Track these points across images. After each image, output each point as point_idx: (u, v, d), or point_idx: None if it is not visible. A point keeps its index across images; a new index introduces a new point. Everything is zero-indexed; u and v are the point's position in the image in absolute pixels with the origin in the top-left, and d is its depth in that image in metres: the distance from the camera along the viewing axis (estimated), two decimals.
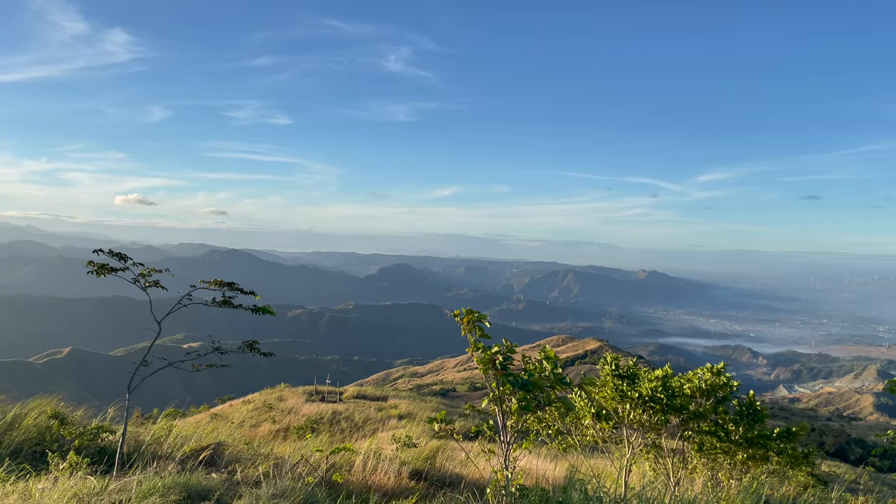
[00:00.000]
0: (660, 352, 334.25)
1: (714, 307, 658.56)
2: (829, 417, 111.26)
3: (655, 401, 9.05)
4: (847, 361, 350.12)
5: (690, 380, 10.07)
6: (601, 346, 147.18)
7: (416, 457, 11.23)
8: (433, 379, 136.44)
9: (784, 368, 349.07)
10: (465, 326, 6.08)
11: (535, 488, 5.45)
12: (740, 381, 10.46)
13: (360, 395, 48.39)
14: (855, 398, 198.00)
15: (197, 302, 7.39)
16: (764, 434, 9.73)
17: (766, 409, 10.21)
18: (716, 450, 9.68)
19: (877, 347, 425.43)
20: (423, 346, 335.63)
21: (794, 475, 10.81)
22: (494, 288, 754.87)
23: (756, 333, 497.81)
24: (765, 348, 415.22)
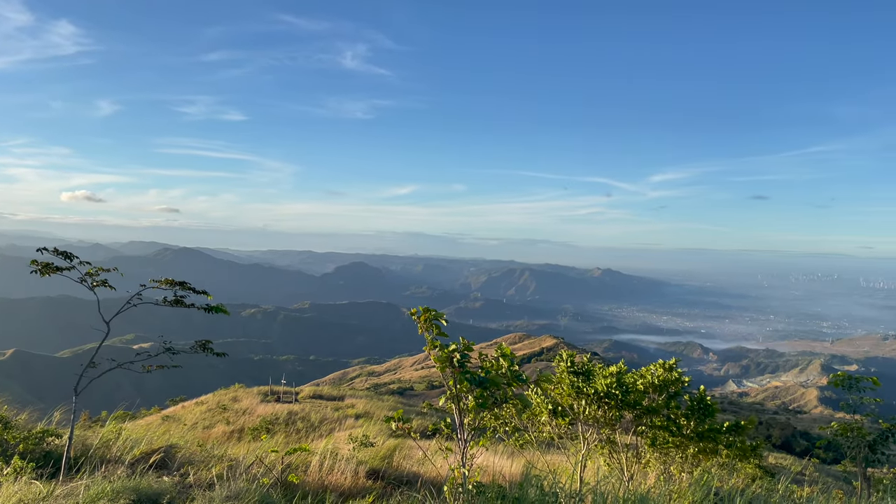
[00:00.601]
0: (614, 348, 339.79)
1: (666, 304, 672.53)
2: (775, 411, 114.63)
3: (610, 397, 9.19)
4: (793, 357, 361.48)
5: (644, 376, 10.27)
6: (557, 343, 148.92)
7: (373, 456, 11.17)
8: (391, 378, 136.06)
9: (733, 364, 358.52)
10: (422, 325, 6.07)
11: (491, 485, 5.48)
12: (691, 376, 10.72)
13: (316, 394, 47.96)
14: (800, 392, 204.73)
15: (147, 301, 7.21)
16: (714, 428, 9.99)
17: (716, 403, 10.47)
18: (668, 444, 9.90)
19: (821, 343, 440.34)
20: (380, 345, 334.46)
21: (742, 468, 11.11)
22: (452, 286, 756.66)
23: (707, 330, 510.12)
24: (715, 344, 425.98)
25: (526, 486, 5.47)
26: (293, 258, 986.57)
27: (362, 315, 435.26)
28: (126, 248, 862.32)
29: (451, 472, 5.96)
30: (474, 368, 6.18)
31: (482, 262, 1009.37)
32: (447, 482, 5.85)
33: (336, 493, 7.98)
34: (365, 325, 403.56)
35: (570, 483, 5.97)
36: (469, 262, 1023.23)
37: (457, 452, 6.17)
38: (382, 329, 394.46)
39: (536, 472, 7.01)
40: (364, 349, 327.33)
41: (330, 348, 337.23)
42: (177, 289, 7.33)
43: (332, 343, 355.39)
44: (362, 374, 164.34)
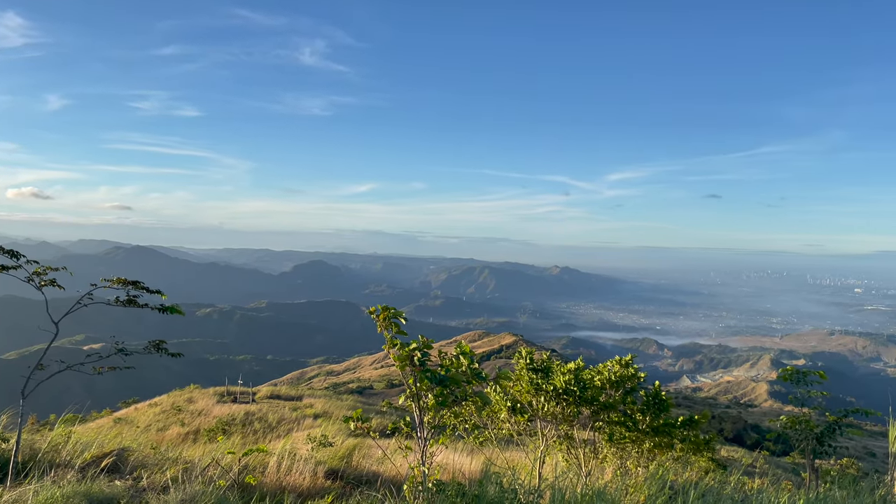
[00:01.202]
0: (572, 345, 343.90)
1: (623, 301, 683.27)
2: (728, 405, 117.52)
3: (568, 393, 9.30)
4: (744, 352, 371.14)
5: (601, 372, 10.43)
6: (516, 340, 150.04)
7: (332, 456, 11.09)
8: (350, 377, 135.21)
9: (687, 359, 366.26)
10: (382, 323, 6.05)
11: (451, 483, 5.49)
12: (647, 372, 10.91)
13: (274, 395, 47.39)
14: (751, 386, 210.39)
15: (99, 301, 7.01)
16: (669, 423, 10.19)
17: (671, 398, 10.69)
18: (625, 439, 10.07)
19: (771, 338, 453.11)
20: (339, 344, 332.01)
21: (696, 461, 11.37)
22: (412, 284, 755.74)
23: (662, 326, 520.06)
24: (670, 340, 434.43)
25: (485, 483, 5.50)
26: (250, 257, 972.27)
27: (321, 314, 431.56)
28: (75, 246, 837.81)
29: (411, 470, 5.96)
30: (434, 366, 6.19)
31: (442, 261, 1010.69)
32: (407, 481, 5.85)
33: (294, 493, 7.89)
34: (323, 325, 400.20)
35: (529, 479, 6.02)
36: (429, 261, 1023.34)
37: (417, 451, 6.17)
38: (341, 328, 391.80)
39: (496, 470, 7.06)
40: (323, 348, 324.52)
41: (288, 348, 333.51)
42: (129, 288, 7.15)
43: (290, 342, 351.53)
44: (321, 373, 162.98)
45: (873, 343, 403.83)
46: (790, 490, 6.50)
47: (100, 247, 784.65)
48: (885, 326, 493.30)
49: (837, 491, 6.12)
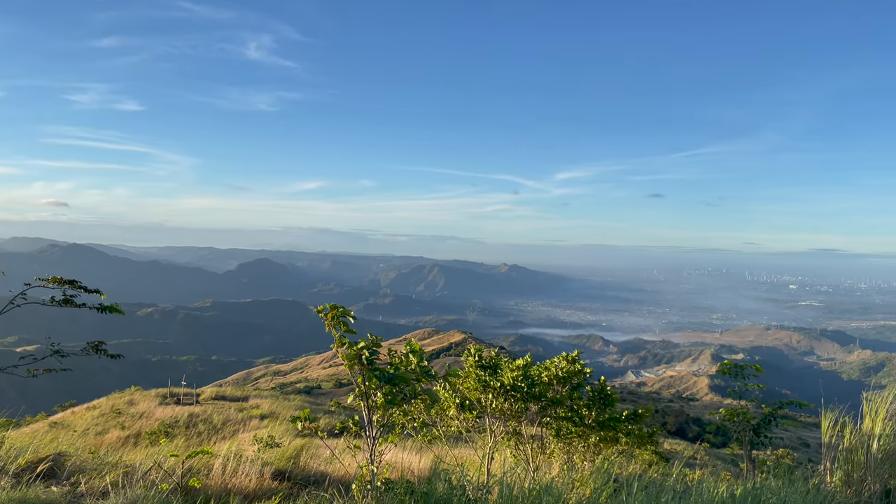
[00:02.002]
0: (520, 342, 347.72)
1: (570, 299, 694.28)
2: (670, 399, 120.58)
3: (516, 389, 9.40)
4: (686, 347, 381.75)
5: (548, 368, 10.58)
6: (465, 338, 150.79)
7: (279, 457, 10.95)
8: (297, 377, 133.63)
9: (632, 355, 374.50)
10: (329, 322, 5.99)
11: (400, 481, 5.49)
12: (593, 367, 11.13)
13: (219, 395, 46.47)
14: (693, 380, 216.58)
15: (33, 301, 6.75)
16: (614, 417, 10.42)
17: (616, 393, 10.93)
18: (571, 434, 10.24)
19: (711, 333, 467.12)
20: (286, 344, 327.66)
21: (640, 454, 11.65)
22: (361, 283, 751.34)
23: (607, 323, 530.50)
24: (615, 337, 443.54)
25: (434, 480, 5.51)
26: (194, 255, 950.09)
27: (267, 313, 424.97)
28: (8, 244, 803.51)
29: (360, 469, 5.92)
30: (383, 365, 6.16)
31: (391, 259, 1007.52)
32: (355, 480, 5.81)
33: (240, 495, 7.77)
34: (270, 324, 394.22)
35: (478, 476, 6.07)
36: (378, 259, 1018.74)
37: (365, 450, 6.14)
38: (288, 327, 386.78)
39: (445, 467, 7.08)
40: (269, 348, 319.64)
41: (233, 348, 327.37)
42: (66, 287, 6.90)
43: (236, 342, 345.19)
44: (268, 373, 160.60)
45: (807, 338, 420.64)
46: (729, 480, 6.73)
47: (34, 244, 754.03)
48: (818, 321, 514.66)
49: (773, 480, 6.36)
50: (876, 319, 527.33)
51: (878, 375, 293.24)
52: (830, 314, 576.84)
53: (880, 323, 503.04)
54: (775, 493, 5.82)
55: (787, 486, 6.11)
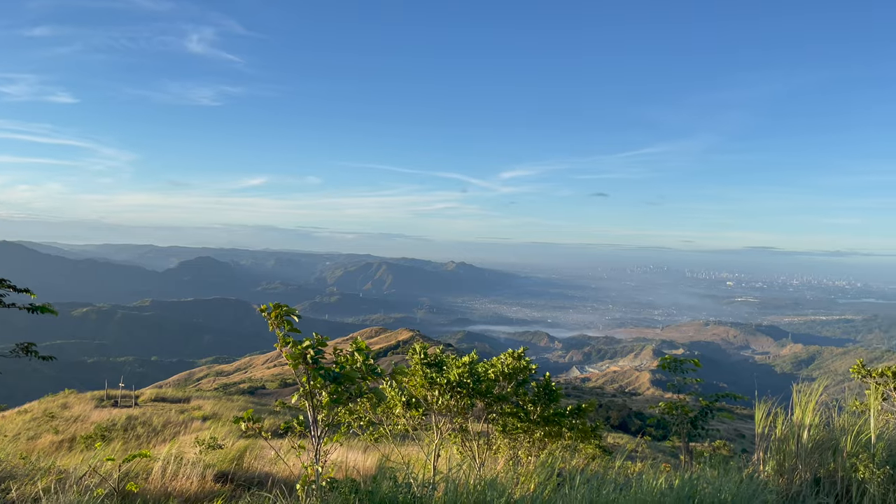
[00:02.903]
0: (467, 339, 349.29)
1: (516, 296, 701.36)
2: (613, 394, 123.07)
3: (462, 386, 9.45)
4: (629, 343, 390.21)
5: (494, 365, 10.66)
6: (413, 335, 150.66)
7: (222, 458, 10.74)
8: (241, 377, 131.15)
9: (577, 351, 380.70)
10: (273, 321, 5.90)
11: (345, 480, 5.45)
12: (539, 364, 11.29)
13: (159, 397, 45.23)
14: (635, 375, 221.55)
15: None
16: (559, 412, 10.57)
17: (561, 389, 11.10)
18: (517, 430, 10.35)
19: (653, 329, 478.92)
20: (230, 344, 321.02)
21: (584, 448, 11.85)
22: (307, 281, 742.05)
23: (553, 319, 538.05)
24: (560, 333, 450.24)
25: (380, 478, 5.49)
26: (132, 252, 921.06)
27: (209, 312, 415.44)
28: None
29: (305, 469, 5.86)
30: (329, 364, 6.11)
31: (338, 257, 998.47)
32: (300, 480, 5.75)
33: (181, 498, 7.59)
34: (212, 323, 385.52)
35: (424, 473, 6.08)
36: (324, 257, 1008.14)
37: (310, 450, 6.08)
38: (231, 326, 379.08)
39: (391, 465, 7.07)
40: (212, 348, 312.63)
41: (174, 348, 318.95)
42: None
43: (177, 342, 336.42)
44: (210, 374, 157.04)
45: (743, 333, 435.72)
46: (668, 471, 6.92)
47: None
48: (753, 317, 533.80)
49: (709, 471, 6.57)
50: (807, 314, 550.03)
51: (808, 368, 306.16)
52: (765, 310, 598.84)
53: (811, 318, 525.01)
54: (711, 483, 6.01)
55: (722, 476, 6.32)
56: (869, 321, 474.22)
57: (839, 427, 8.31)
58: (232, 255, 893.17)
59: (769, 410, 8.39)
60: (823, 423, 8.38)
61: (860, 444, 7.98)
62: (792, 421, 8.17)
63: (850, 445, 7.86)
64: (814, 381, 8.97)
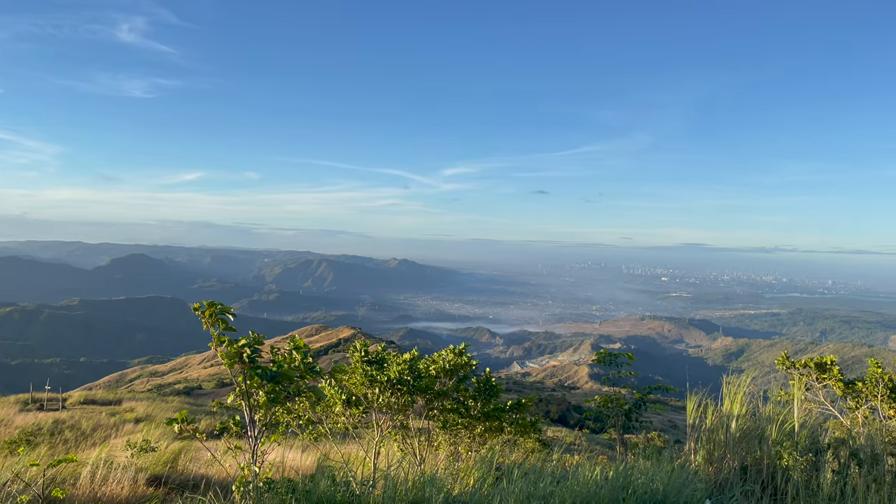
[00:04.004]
0: (410, 336, 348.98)
1: (458, 292, 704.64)
2: (553, 388, 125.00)
3: (403, 383, 9.44)
4: (568, 338, 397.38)
5: (436, 361, 10.69)
6: (355, 333, 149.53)
7: (155, 461, 10.45)
8: (176, 377, 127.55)
9: (517, 346, 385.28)
10: (207, 320, 5.76)
11: (282, 480, 5.37)
12: (480, 359, 11.39)
13: (88, 399, 43.60)
14: (574, 370, 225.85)
15: None
16: (499, 407, 10.68)
17: (501, 384, 11.21)
18: (458, 425, 10.41)
19: (591, 324, 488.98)
20: (164, 343, 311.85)
21: (524, 442, 12.01)
22: (245, 278, 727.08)
23: (494, 315, 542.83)
24: (501, 329, 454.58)
25: (318, 477, 5.44)
26: (59, 250, 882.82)
27: (143, 311, 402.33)
28: None
29: (241, 470, 5.74)
30: (266, 363, 6.01)
31: (277, 254, 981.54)
32: (236, 481, 5.63)
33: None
34: (146, 322, 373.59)
35: (363, 471, 6.05)
36: (263, 253, 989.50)
37: (247, 450, 5.97)
38: (166, 326, 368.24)
39: (332, 464, 7.00)
40: (145, 348, 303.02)
41: (104, 348, 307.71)
42: None
43: (107, 343, 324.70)
44: (143, 374, 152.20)
45: (677, 327, 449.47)
46: (604, 463, 7.09)
47: None
48: (686, 311, 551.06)
49: (643, 461, 6.76)
50: (736, 309, 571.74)
51: (738, 360, 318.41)
52: (697, 304, 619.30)
53: (740, 312, 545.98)
54: (644, 473, 6.18)
55: (655, 465, 6.51)
56: (794, 314, 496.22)
57: (765, 416, 8.66)
58: (166, 252, 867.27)
59: (700, 402, 8.67)
60: (750, 413, 8.72)
61: (784, 432, 8.34)
62: (721, 411, 8.47)
63: (776, 434, 8.21)
64: (742, 372, 9.32)
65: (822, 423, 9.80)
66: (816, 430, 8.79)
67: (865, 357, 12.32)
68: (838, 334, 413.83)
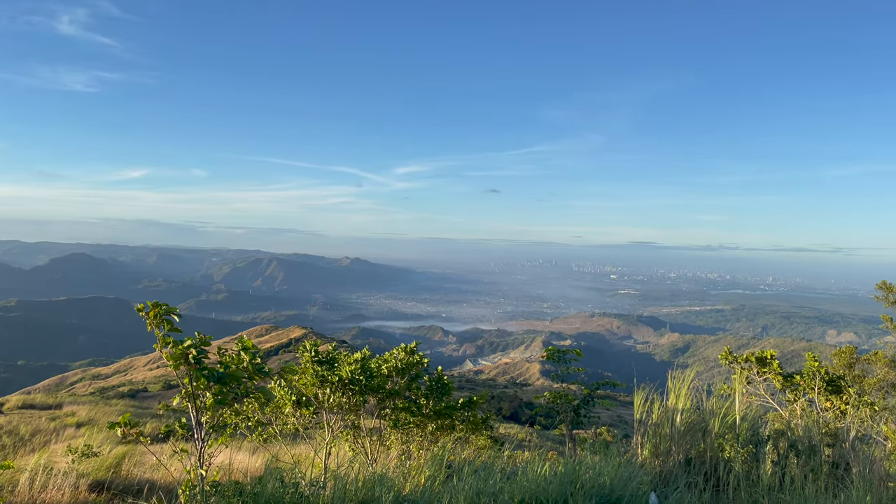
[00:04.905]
0: (362, 335, 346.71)
1: (411, 291, 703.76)
2: (505, 385, 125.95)
3: (354, 383, 9.39)
4: (520, 335, 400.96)
5: (387, 360, 10.67)
6: (306, 333, 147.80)
7: (98, 467, 10.16)
8: (121, 380, 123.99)
9: (470, 344, 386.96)
10: (152, 321, 5.62)
11: (228, 483, 5.29)
12: (433, 357, 11.42)
13: (27, 404, 42.01)
14: (526, 366, 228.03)
15: None
16: (451, 405, 10.72)
17: (453, 382, 11.25)
18: (409, 424, 10.41)
19: (542, 321, 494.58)
20: (108, 345, 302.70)
21: (475, 440, 12.09)
22: (193, 278, 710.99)
23: (447, 314, 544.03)
24: (454, 327, 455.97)
25: (266, 479, 5.37)
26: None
27: (85, 312, 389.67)
28: None
29: (187, 474, 5.63)
30: (214, 364, 5.90)
31: (226, 252, 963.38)
32: (182, 485, 5.52)
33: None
34: (88, 324, 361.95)
35: (313, 471, 6.00)
36: (211, 252, 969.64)
37: (194, 453, 5.85)
38: (109, 327, 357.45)
39: (283, 465, 6.93)
40: (87, 350, 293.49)
41: (44, 351, 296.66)
42: None
43: (47, 345, 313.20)
44: (86, 377, 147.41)
45: (626, 323, 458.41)
46: (554, 458, 7.20)
47: None
48: (635, 308, 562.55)
49: (591, 456, 6.89)
50: (683, 305, 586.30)
51: (684, 356, 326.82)
52: (646, 301, 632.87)
53: (686, 308, 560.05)
54: (592, 468, 6.30)
55: (603, 460, 6.64)
56: (737, 311, 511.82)
57: (708, 410, 8.92)
58: (110, 252, 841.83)
59: (647, 397, 8.88)
60: (695, 407, 8.96)
61: (727, 425, 8.60)
62: (667, 406, 8.68)
63: (718, 427, 8.46)
64: (687, 367, 9.58)
65: (763, 416, 10.15)
66: (757, 423, 9.10)
67: (804, 351, 12.84)
68: (779, 329, 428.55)
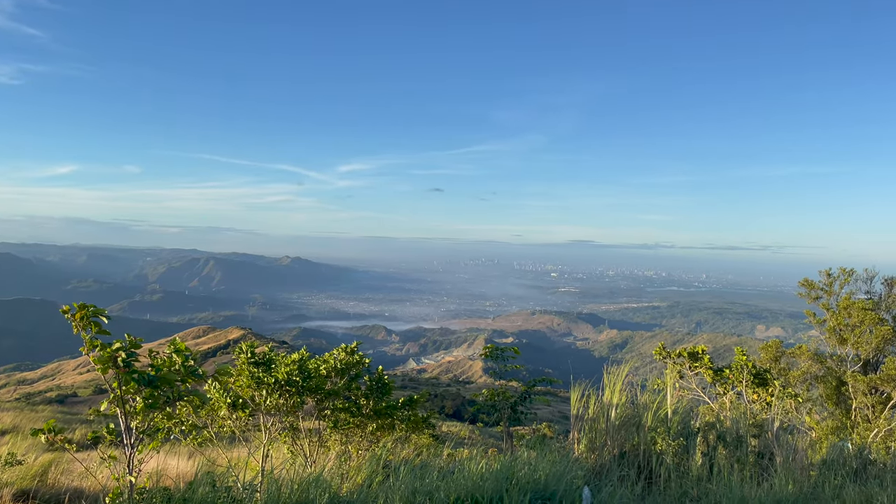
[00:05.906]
0: (303, 336, 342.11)
1: (354, 290, 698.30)
2: (448, 383, 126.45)
3: (292, 384, 9.27)
4: (462, 333, 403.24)
5: (327, 360, 10.58)
6: (245, 334, 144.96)
7: (22, 475, 9.74)
8: (48, 385, 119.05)
9: (413, 343, 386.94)
10: (78, 323, 5.42)
11: (157, 489, 5.15)
12: (376, 357, 11.41)
13: None
14: (469, 364, 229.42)
15: None
16: (391, 405, 10.71)
17: (393, 381, 11.24)
18: (349, 424, 10.35)
19: (485, 319, 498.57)
20: (34, 349, 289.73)
21: (416, 438, 12.11)
22: (125, 278, 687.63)
23: (390, 313, 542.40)
24: (397, 326, 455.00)
25: (196, 484, 5.25)
26: None
27: (9, 314, 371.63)
28: None
29: (116, 481, 5.46)
30: (145, 367, 5.74)
31: (160, 252, 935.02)
32: (111, 493, 5.35)
33: None
34: (12, 326, 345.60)
35: (248, 475, 5.90)
36: (145, 252, 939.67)
37: (123, 460, 5.68)
38: (36, 330, 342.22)
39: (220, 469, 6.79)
40: (12, 354, 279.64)
41: None
42: None
43: None
44: (10, 382, 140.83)
45: (566, 321, 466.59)
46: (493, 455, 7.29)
47: None
48: (575, 306, 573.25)
49: (528, 451, 7.01)
50: (621, 302, 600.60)
51: (622, 352, 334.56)
52: (585, 299, 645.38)
53: (624, 305, 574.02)
54: (528, 464, 6.41)
55: (539, 456, 6.76)
56: (672, 307, 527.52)
57: (642, 404, 9.18)
58: (36, 251, 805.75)
59: (583, 392, 9.07)
60: (630, 401, 9.21)
61: (659, 418, 8.88)
62: (602, 401, 8.90)
63: (651, 421, 8.72)
64: (624, 363, 9.83)
65: (694, 409, 10.51)
66: (688, 416, 9.42)
67: (735, 346, 13.39)
68: (711, 325, 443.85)
